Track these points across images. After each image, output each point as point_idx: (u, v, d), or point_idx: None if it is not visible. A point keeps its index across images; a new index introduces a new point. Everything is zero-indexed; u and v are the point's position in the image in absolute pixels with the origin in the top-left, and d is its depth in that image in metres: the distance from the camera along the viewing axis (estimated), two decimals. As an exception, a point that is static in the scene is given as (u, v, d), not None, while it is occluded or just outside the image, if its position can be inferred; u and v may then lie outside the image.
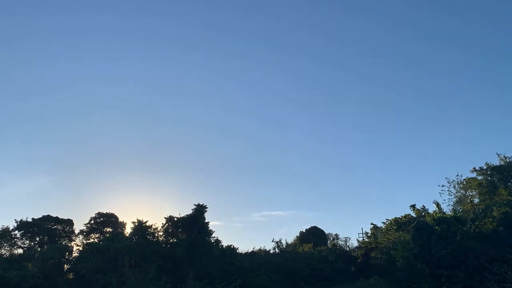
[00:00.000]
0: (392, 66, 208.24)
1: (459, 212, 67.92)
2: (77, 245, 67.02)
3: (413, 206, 71.25)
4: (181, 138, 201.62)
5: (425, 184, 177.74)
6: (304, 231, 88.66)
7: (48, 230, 69.13)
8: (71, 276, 58.59)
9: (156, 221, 67.84)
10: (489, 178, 73.80)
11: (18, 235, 68.05)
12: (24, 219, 68.76)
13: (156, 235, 64.71)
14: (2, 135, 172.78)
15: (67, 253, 60.89)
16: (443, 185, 77.16)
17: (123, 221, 72.66)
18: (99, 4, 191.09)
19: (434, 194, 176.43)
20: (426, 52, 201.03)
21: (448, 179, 77.27)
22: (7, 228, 67.59)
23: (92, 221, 71.04)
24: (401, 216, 69.48)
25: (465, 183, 75.78)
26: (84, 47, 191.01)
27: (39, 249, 64.81)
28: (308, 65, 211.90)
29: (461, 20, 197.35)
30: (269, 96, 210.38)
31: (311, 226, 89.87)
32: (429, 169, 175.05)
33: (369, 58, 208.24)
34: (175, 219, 64.97)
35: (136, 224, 64.41)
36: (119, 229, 69.99)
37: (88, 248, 59.15)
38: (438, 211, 67.64)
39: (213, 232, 65.58)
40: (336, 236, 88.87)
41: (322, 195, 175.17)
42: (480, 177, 74.86)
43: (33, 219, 69.15)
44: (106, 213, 72.75)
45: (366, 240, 75.07)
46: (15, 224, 68.12)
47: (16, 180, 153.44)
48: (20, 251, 67.29)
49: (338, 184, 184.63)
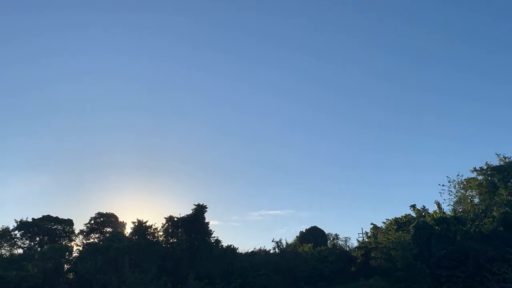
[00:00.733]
0: (393, 65, 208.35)
1: (459, 212, 67.90)
2: (77, 245, 67.04)
3: (413, 206, 71.24)
4: (181, 138, 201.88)
5: (426, 184, 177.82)
6: (304, 231, 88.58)
7: (48, 230, 69.11)
8: (71, 276, 58.59)
9: (156, 221, 67.90)
10: (489, 178, 73.68)
11: (18, 235, 68.06)
12: (24, 219, 68.81)
13: (156, 235, 64.69)
14: (2, 135, 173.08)
15: (67, 253, 60.82)
16: (443, 185, 77.05)
17: (123, 221, 72.75)
18: (100, 1, 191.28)
19: (435, 194, 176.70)
20: (428, 51, 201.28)
21: (449, 179, 77.21)
22: (7, 228, 67.60)
23: (92, 221, 71.04)
24: (401, 216, 69.50)
25: (465, 183, 75.64)
26: (84, 48, 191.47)
27: (39, 249, 64.79)
28: (308, 63, 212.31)
29: (465, 17, 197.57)
30: (268, 96, 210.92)
31: (311, 226, 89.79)
32: (430, 169, 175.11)
33: (370, 57, 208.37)
34: (175, 219, 64.96)
35: (136, 224, 64.39)
36: (119, 229, 69.98)
37: (88, 248, 59.15)
38: (439, 211, 67.63)
39: (213, 232, 65.67)
40: (336, 236, 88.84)
41: (321, 195, 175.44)
42: (480, 177, 74.76)
43: (33, 219, 69.14)
44: (106, 213, 72.76)
45: (366, 240, 75.02)
46: (15, 224, 68.17)
47: (16, 180, 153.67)
48: (20, 251, 67.29)
49: (338, 184, 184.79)
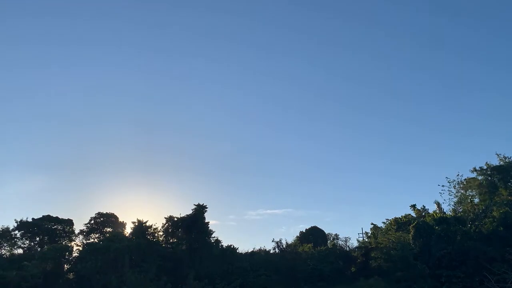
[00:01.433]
0: (393, 68, 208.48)
1: (459, 212, 67.87)
2: (77, 245, 66.96)
3: (413, 206, 71.28)
4: (181, 138, 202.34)
5: (426, 184, 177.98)
6: (304, 231, 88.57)
7: (48, 230, 69.10)
8: (71, 276, 58.57)
9: (156, 221, 67.86)
10: (489, 178, 73.71)
11: (18, 235, 68.04)
12: (24, 219, 68.82)
13: (156, 235, 64.64)
14: (2, 135, 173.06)
15: (67, 253, 60.80)
16: (443, 186, 77.08)
17: (123, 221, 72.78)
18: (96, 9, 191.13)
19: (434, 194, 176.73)
20: (428, 53, 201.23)
21: (449, 179, 77.23)
22: (7, 228, 67.59)
23: (92, 221, 71.04)
24: (401, 216, 69.51)
25: (465, 183, 75.69)
26: (84, 47, 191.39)
27: (39, 249, 64.81)
28: (308, 68, 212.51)
29: (461, 22, 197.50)
30: (266, 96, 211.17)
31: (311, 226, 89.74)
32: (430, 169, 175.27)
33: (369, 61, 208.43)
34: (175, 219, 64.92)
35: (136, 224, 64.36)
36: (119, 229, 69.98)
37: (88, 248, 59.11)
38: (439, 211, 67.60)
39: (213, 232, 65.65)
40: (336, 236, 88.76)
41: (320, 195, 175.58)
42: (480, 177, 74.79)
43: (33, 219, 69.14)
44: (106, 213, 72.77)
45: (366, 240, 74.99)
46: (15, 224, 68.17)
47: (16, 180, 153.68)
48: (20, 251, 67.27)
49: (337, 184, 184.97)
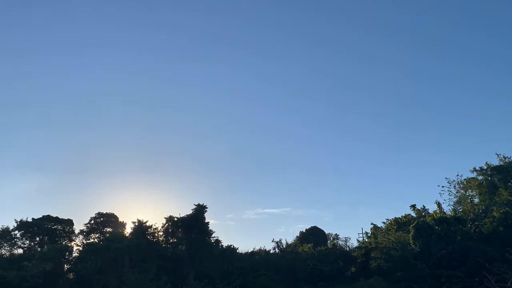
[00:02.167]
0: (393, 66, 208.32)
1: (459, 212, 67.86)
2: (77, 245, 66.97)
3: (413, 206, 71.27)
4: (180, 138, 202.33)
5: (426, 184, 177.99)
6: (304, 231, 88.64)
7: (48, 230, 69.09)
8: (71, 276, 58.59)
9: (156, 221, 67.86)
10: (489, 178, 73.68)
11: (18, 235, 68.01)
12: (24, 219, 68.78)
13: (156, 235, 64.65)
14: (2, 135, 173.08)
15: (67, 253, 60.82)
16: (443, 186, 77.10)
17: (123, 221, 72.75)
18: (97, 13, 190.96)
19: (435, 194, 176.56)
20: (427, 52, 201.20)
21: (448, 179, 77.25)
22: (7, 228, 67.56)
23: (92, 221, 71.03)
24: (401, 216, 69.53)
25: (465, 183, 75.70)
26: (84, 45, 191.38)
27: (39, 249, 64.80)
28: (310, 59, 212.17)
29: (459, 24, 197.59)
30: (264, 97, 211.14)
31: (311, 226, 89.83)
32: (430, 169, 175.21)
33: (369, 62, 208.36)
34: (175, 219, 64.93)
35: (136, 224, 64.37)
36: (119, 229, 69.99)
37: (88, 248, 59.13)
38: (439, 211, 67.61)
39: (213, 232, 65.67)
40: (336, 236, 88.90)
41: (319, 194, 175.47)
42: (480, 177, 74.76)
43: (33, 219, 69.12)
44: (106, 213, 72.75)
45: (366, 240, 75.01)
46: (15, 224, 68.14)
47: (16, 180, 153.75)
48: (20, 251, 67.27)
49: (337, 183, 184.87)
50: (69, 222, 71.50)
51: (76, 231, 71.05)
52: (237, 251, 65.88)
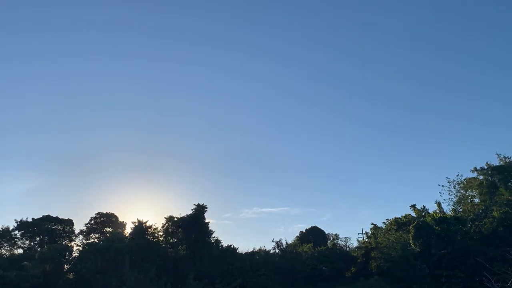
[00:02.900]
0: (395, 65, 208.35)
1: (459, 212, 67.84)
2: (77, 245, 66.93)
3: (413, 206, 71.21)
4: (180, 137, 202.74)
5: (426, 184, 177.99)
6: (304, 231, 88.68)
7: (48, 230, 69.09)
8: (71, 276, 58.54)
9: (156, 221, 67.83)
10: (490, 178, 73.61)
11: (18, 235, 68.03)
12: (24, 219, 68.81)
13: (156, 235, 64.61)
14: (2, 135, 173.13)
15: (67, 253, 60.79)
16: (443, 186, 77.02)
17: (123, 221, 72.73)
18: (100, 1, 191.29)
19: (434, 194, 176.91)
20: (427, 55, 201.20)
21: (448, 179, 77.18)
22: (7, 228, 67.57)
23: (92, 221, 71.01)
24: (401, 216, 69.46)
25: (466, 183, 75.63)
26: (83, 44, 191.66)
27: (39, 249, 64.78)
28: (308, 60, 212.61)
29: (468, 14, 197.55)
30: (264, 94, 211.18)
31: (311, 226, 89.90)
32: (430, 169, 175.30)
33: (373, 55, 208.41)
34: (175, 219, 64.86)
35: (136, 224, 64.30)
36: (119, 229, 69.95)
37: (88, 248, 59.09)
38: (439, 211, 67.57)
39: (213, 232, 65.62)
40: (336, 236, 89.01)
41: (318, 193, 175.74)
42: (481, 177, 74.69)
43: (33, 219, 69.12)
44: (106, 213, 72.74)
45: (366, 240, 74.97)
46: (15, 224, 68.16)
47: (17, 180, 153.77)
48: (20, 251, 67.29)
49: (336, 183, 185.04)
50: (69, 222, 71.50)
51: (76, 231, 71.11)
52: (237, 251, 65.91)
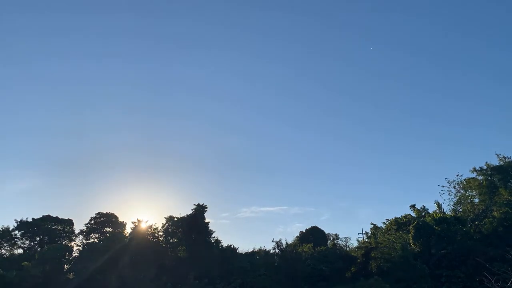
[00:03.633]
0: (395, 65, 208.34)
1: (459, 212, 67.83)
2: (77, 245, 67.06)
3: (413, 206, 71.21)
4: (180, 137, 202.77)
5: (426, 184, 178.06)
6: (304, 231, 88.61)
7: (48, 230, 69.15)
8: (71, 276, 58.58)
9: (156, 221, 67.91)
10: (489, 178, 73.55)
11: (18, 235, 68.11)
12: (24, 219, 68.90)
13: (156, 235, 64.65)
14: (2, 135, 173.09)
15: (67, 253, 60.83)
16: (443, 186, 76.98)
17: (123, 221, 72.79)
18: (98, 4, 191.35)
19: (434, 194, 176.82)
20: (428, 50, 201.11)
21: (448, 179, 77.11)
22: (7, 228, 67.64)
23: (92, 221, 71.01)
24: (401, 216, 69.43)
25: (465, 183, 75.52)
26: (82, 44, 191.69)
27: (39, 249, 64.78)
28: (309, 62, 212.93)
29: (466, 16, 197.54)
30: (263, 94, 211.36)
31: (311, 226, 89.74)
32: (430, 169, 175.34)
33: (373, 58, 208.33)
34: (175, 219, 64.91)
35: (136, 224, 64.39)
36: (119, 229, 69.96)
37: (88, 248, 59.14)
38: (439, 211, 67.57)
39: (213, 232, 65.66)
40: (336, 236, 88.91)
41: (317, 193, 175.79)
42: (480, 177, 74.61)
43: (33, 219, 69.18)
44: (106, 213, 72.75)
45: (366, 240, 74.94)
46: (15, 224, 68.27)
47: (17, 180, 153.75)
48: (20, 251, 67.34)
49: (336, 183, 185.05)
50: (69, 222, 71.56)
51: (76, 231, 71.20)
52: (237, 251, 65.92)
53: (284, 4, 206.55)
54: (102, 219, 71.71)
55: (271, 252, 70.04)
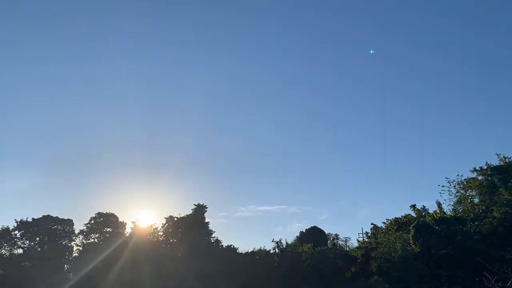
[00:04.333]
0: (395, 68, 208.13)
1: (459, 212, 67.80)
2: (77, 245, 66.98)
3: (413, 206, 71.18)
4: (180, 137, 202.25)
5: (426, 184, 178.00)
6: (304, 231, 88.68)
7: (48, 230, 69.07)
8: (71, 276, 58.62)
9: (156, 221, 67.95)
10: (490, 178, 73.43)
11: (18, 235, 68.01)
12: (24, 219, 68.81)
13: (156, 235, 64.69)
14: (2, 135, 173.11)
15: (67, 253, 60.81)
16: (443, 186, 76.94)
17: (123, 221, 72.66)
18: (96, 6, 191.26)
19: (435, 194, 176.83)
20: (429, 53, 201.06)
21: (448, 179, 77.03)
22: (7, 228, 67.58)
23: (92, 221, 70.95)
24: (401, 216, 69.46)
25: (465, 183, 75.42)
26: (82, 44, 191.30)
27: (39, 249, 64.79)
28: (309, 62, 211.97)
29: (465, 14, 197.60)
30: (263, 94, 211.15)
31: (311, 226, 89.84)
32: (430, 169, 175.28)
33: (370, 62, 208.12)
34: (175, 219, 64.98)
35: (136, 224, 64.44)
36: (119, 229, 69.95)
37: (88, 248, 59.17)
38: (439, 211, 67.54)
39: (213, 232, 65.72)
40: (336, 236, 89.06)
41: (316, 193, 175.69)
42: (480, 177, 74.49)
43: (33, 219, 69.12)
44: (106, 213, 72.66)
45: (366, 240, 74.99)
46: (15, 224, 68.15)
47: (16, 180, 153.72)
48: (20, 251, 67.28)
49: (335, 183, 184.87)
50: (69, 222, 71.47)
51: (76, 231, 71.06)
52: (237, 251, 65.96)
53: (283, 7, 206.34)
54: (102, 219, 71.63)
55: (271, 252, 70.14)
